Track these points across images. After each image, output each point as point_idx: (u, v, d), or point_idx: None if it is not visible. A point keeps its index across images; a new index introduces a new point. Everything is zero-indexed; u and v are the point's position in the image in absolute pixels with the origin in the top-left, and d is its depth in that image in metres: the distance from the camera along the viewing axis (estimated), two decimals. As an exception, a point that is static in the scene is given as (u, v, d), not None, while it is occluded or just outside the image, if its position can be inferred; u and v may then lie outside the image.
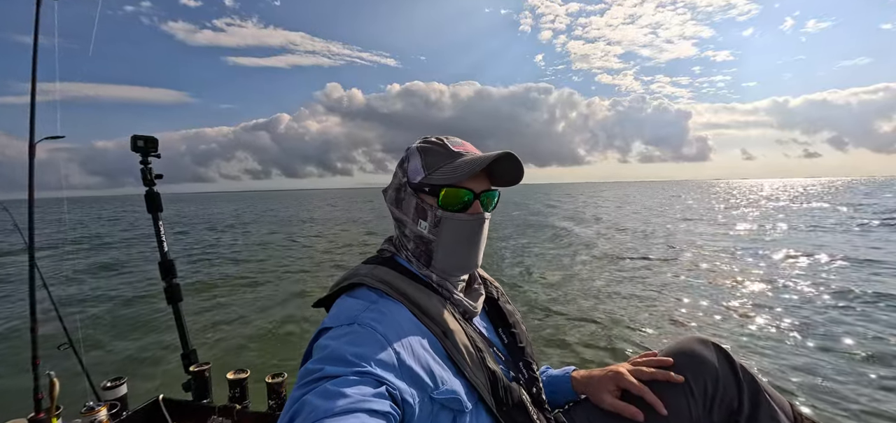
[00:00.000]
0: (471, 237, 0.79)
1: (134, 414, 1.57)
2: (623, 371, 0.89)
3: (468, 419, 0.68)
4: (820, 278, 6.47)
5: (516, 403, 0.73)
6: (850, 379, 3.32)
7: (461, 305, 0.80)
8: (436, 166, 0.78)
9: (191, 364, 1.92)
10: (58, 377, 1.55)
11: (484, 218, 0.80)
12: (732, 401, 0.83)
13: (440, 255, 0.79)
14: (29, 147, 1.78)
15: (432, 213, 0.78)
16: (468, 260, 0.81)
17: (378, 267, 0.78)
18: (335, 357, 0.59)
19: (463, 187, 0.77)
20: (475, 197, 0.78)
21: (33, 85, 1.79)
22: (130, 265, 9.90)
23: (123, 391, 1.66)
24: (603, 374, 0.91)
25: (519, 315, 0.96)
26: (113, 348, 4.68)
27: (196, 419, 1.64)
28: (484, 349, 0.75)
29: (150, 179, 2.03)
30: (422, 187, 0.79)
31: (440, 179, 0.77)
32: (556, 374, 1.01)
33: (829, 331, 4.34)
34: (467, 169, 0.75)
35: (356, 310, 0.69)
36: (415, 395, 0.63)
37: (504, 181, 0.84)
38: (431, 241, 0.79)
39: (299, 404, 0.54)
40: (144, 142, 2.00)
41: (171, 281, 2.09)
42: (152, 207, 2.05)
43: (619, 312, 5.23)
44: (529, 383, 0.83)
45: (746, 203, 27.78)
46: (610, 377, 0.90)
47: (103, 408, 1.39)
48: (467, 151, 0.80)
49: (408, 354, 0.65)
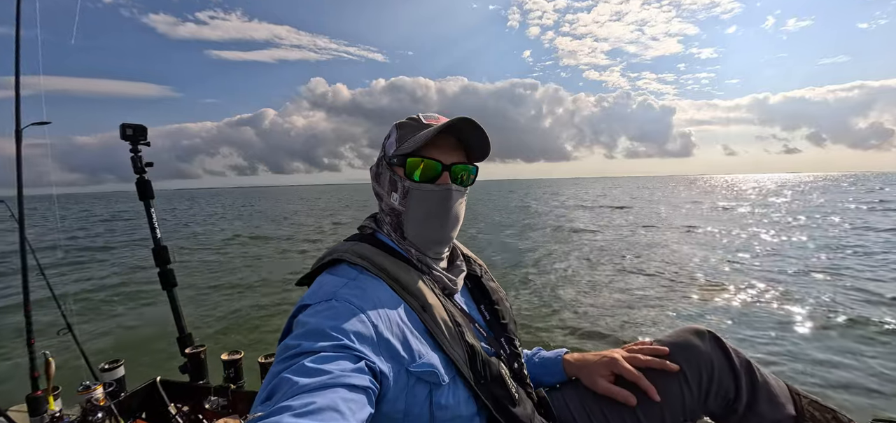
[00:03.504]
0: (439, 209, 0.79)
1: (132, 395, 1.62)
2: (618, 357, 0.89)
3: (445, 393, 0.68)
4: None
5: (495, 377, 0.73)
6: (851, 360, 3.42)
7: (441, 280, 0.81)
8: (406, 139, 0.80)
9: (187, 347, 1.96)
10: (57, 361, 1.59)
11: (451, 189, 0.80)
12: (728, 390, 0.84)
13: (410, 226, 0.80)
14: (15, 133, 1.82)
15: (401, 184, 0.79)
16: (439, 232, 0.81)
17: (358, 244, 0.79)
18: (314, 333, 0.60)
19: (429, 158, 0.78)
20: (444, 168, 0.79)
21: (17, 75, 1.81)
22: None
23: (121, 373, 1.70)
24: (597, 358, 0.91)
25: (503, 293, 0.96)
26: (110, 333, 4.74)
27: (193, 399, 1.68)
28: (463, 324, 0.76)
29: (141, 166, 2.04)
30: (392, 160, 0.81)
31: (405, 149, 0.78)
32: (548, 355, 1.01)
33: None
34: (425, 137, 0.76)
35: (335, 286, 0.69)
36: (391, 368, 0.64)
37: (475, 153, 0.85)
38: (401, 212, 0.81)
39: (277, 380, 0.53)
40: (133, 130, 2.00)
41: (165, 267, 2.12)
42: (144, 194, 2.06)
43: (611, 303, 5.30)
44: (510, 358, 0.84)
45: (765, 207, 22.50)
46: (605, 362, 0.90)
47: (99, 387, 1.43)
48: (438, 124, 0.79)
49: (385, 327, 0.66)
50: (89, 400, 1.37)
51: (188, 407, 1.64)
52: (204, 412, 1.61)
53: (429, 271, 0.81)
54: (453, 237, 0.85)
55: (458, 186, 0.82)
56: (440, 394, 0.68)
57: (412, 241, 0.82)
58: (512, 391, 0.76)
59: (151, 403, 1.65)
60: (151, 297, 6.04)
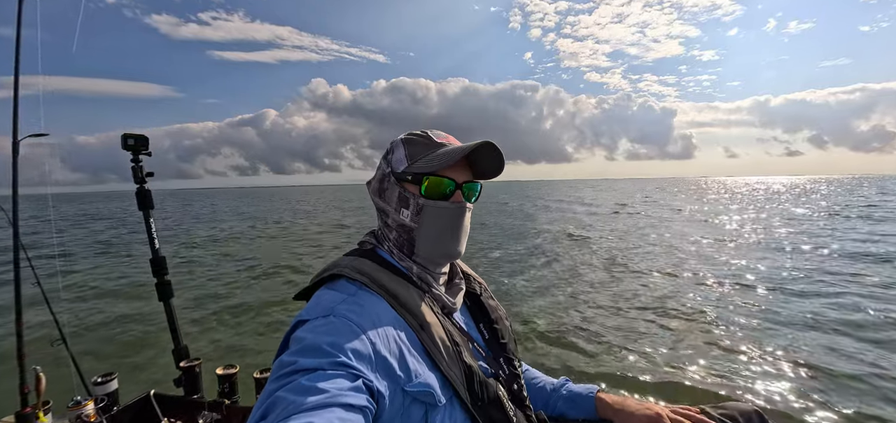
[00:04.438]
0: (452, 225, 0.80)
1: (125, 409, 1.59)
2: (664, 416, 0.85)
3: (441, 414, 0.67)
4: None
5: (492, 399, 0.72)
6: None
7: (440, 300, 0.81)
8: (418, 156, 0.80)
9: (182, 359, 1.93)
10: (50, 373, 1.56)
11: (465, 207, 0.82)
12: None
13: (422, 243, 0.80)
14: (13, 145, 1.78)
15: (414, 201, 0.79)
16: (450, 247, 0.81)
17: (358, 259, 0.79)
18: (310, 349, 0.59)
19: (445, 177, 0.79)
20: (457, 186, 0.80)
21: (16, 80, 1.76)
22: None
23: (114, 387, 1.67)
24: (641, 408, 0.88)
25: (503, 311, 0.95)
26: (104, 345, 4.69)
27: (187, 413, 1.65)
28: (461, 344, 0.75)
29: (141, 176, 2.04)
30: (404, 176, 0.80)
31: (422, 167, 0.79)
32: (578, 390, 0.98)
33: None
34: (448, 157, 0.77)
35: (333, 302, 0.68)
36: (387, 387, 0.62)
37: (486, 173, 0.86)
38: (413, 229, 0.80)
39: (272, 399, 0.52)
40: (135, 140, 2.01)
41: (162, 278, 2.10)
42: (143, 204, 2.06)
43: (640, 328, 4.63)
44: (510, 379, 0.82)
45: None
46: (650, 417, 0.86)
47: (90, 402, 1.40)
48: (450, 143, 0.82)
49: (383, 345, 0.65)
50: (79, 417, 1.34)
51: (182, 422, 1.61)
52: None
53: (429, 288, 0.81)
54: (462, 252, 0.85)
55: (469, 204, 0.84)
56: (436, 415, 0.67)
57: (423, 257, 0.82)
58: (510, 414, 0.74)
59: (144, 417, 1.62)
60: (149, 305, 5.98)
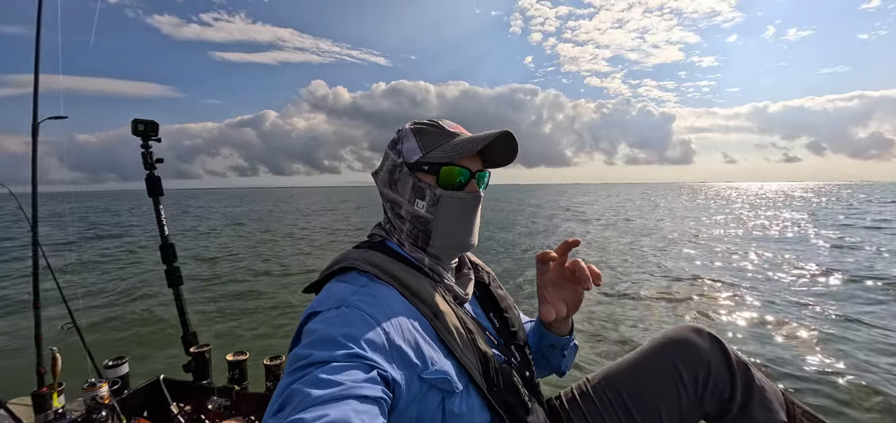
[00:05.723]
0: (468, 215, 0.80)
1: (135, 392, 1.61)
2: (540, 261, 0.87)
3: (458, 400, 0.68)
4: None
5: (508, 385, 0.73)
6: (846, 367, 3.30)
7: (452, 289, 0.81)
8: (433, 146, 0.79)
9: (191, 346, 1.95)
10: (61, 356, 1.58)
11: (480, 196, 0.82)
12: (725, 391, 0.84)
13: (439, 233, 0.79)
14: (32, 126, 1.85)
15: (431, 192, 0.78)
16: (466, 238, 0.81)
17: (368, 251, 0.78)
18: (324, 341, 0.59)
19: (462, 166, 0.78)
20: (471, 175, 0.79)
21: (36, 72, 1.88)
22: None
23: (125, 370, 1.69)
24: (541, 286, 0.89)
25: (511, 300, 0.95)
26: (115, 330, 4.76)
27: (196, 399, 1.67)
28: (475, 331, 0.75)
29: (151, 162, 2.04)
30: (419, 166, 0.79)
31: (439, 157, 0.77)
32: (534, 326, 0.99)
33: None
34: (467, 147, 0.76)
35: (345, 293, 0.68)
36: (403, 376, 0.63)
37: (495, 162, 0.85)
38: (429, 220, 0.79)
39: (289, 392, 0.53)
40: (145, 126, 2.01)
41: (171, 264, 2.12)
42: (153, 190, 2.07)
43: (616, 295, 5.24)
44: (522, 366, 0.83)
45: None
46: (542, 279, 0.87)
47: (104, 385, 1.42)
48: (461, 132, 0.81)
49: (397, 334, 0.65)
50: (94, 398, 1.36)
51: (190, 407, 1.63)
52: (206, 412, 1.59)
53: (440, 279, 0.81)
54: (476, 243, 0.85)
55: (482, 192, 0.84)
56: (453, 402, 0.67)
57: (438, 248, 0.81)
58: (525, 399, 0.76)
59: (154, 401, 1.64)
60: (159, 292, 6.05)
